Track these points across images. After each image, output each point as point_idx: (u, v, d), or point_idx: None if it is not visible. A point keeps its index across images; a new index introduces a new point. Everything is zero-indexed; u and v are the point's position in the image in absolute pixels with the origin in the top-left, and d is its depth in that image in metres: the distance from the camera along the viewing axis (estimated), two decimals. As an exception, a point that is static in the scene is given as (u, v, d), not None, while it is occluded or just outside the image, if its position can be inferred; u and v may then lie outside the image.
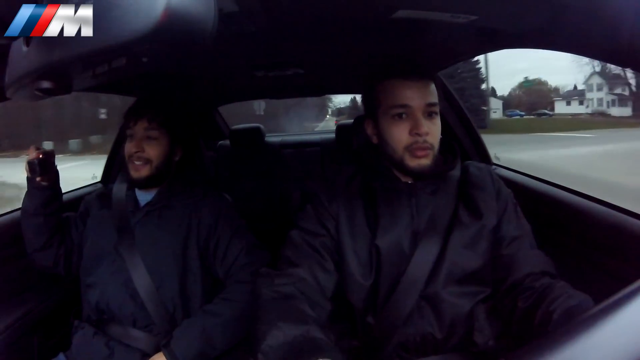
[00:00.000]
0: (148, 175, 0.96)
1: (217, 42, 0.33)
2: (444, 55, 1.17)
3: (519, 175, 1.31)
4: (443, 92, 1.47)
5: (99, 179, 1.67)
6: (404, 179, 0.79)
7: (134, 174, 0.96)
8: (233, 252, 0.96)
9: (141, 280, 0.91)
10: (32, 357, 1.04)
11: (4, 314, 0.99)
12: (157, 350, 0.87)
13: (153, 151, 0.96)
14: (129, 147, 0.96)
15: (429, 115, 0.75)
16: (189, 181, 1.04)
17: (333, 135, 2.04)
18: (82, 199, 1.09)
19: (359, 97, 1.91)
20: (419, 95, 0.74)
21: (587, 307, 0.58)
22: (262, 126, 2.02)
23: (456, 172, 0.81)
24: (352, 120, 1.67)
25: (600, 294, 0.30)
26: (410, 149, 0.74)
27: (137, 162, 0.95)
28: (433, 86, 0.77)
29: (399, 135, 0.75)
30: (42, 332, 1.08)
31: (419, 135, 0.73)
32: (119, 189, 1.03)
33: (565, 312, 0.59)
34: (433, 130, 0.75)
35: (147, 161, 0.95)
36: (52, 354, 0.93)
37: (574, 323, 0.26)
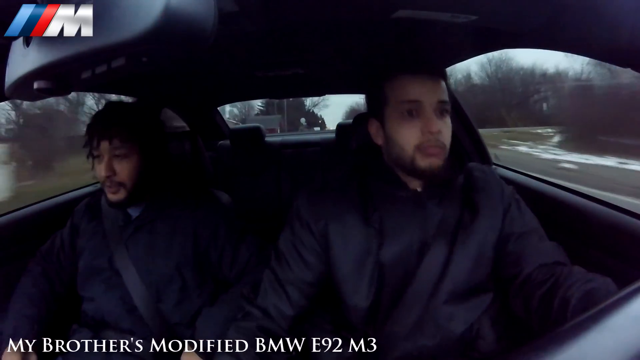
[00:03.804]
0: (126, 197, 0.90)
1: (217, 42, 0.33)
2: (444, 56, 1.17)
3: (519, 175, 1.31)
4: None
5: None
6: (411, 185, 0.75)
7: (112, 197, 0.90)
8: (244, 256, 0.94)
9: (139, 295, 0.89)
10: None
11: (3, 314, 0.99)
12: (155, 357, 0.87)
13: (124, 171, 0.88)
14: (99, 170, 0.89)
15: (441, 113, 0.71)
16: (178, 192, 1.00)
17: (333, 135, 2.04)
18: (82, 199, 1.09)
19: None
20: (431, 92, 0.70)
21: (607, 290, 0.55)
22: (261, 126, 2.02)
23: (460, 178, 0.78)
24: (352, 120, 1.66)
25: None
26: (422, 147, 0.69)
27: (110, 188, 0.89)
28: (444, 84, 0.73)
29: (410, 133, 0.70)
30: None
31: (430, 133, 0.69)
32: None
33: (584, 296, 0.55)
34: (444, 130, 0.71)
35: (120, 184, 0.89)
36: (50, 357, 0.93)
37: (574, 323, 0.26)
